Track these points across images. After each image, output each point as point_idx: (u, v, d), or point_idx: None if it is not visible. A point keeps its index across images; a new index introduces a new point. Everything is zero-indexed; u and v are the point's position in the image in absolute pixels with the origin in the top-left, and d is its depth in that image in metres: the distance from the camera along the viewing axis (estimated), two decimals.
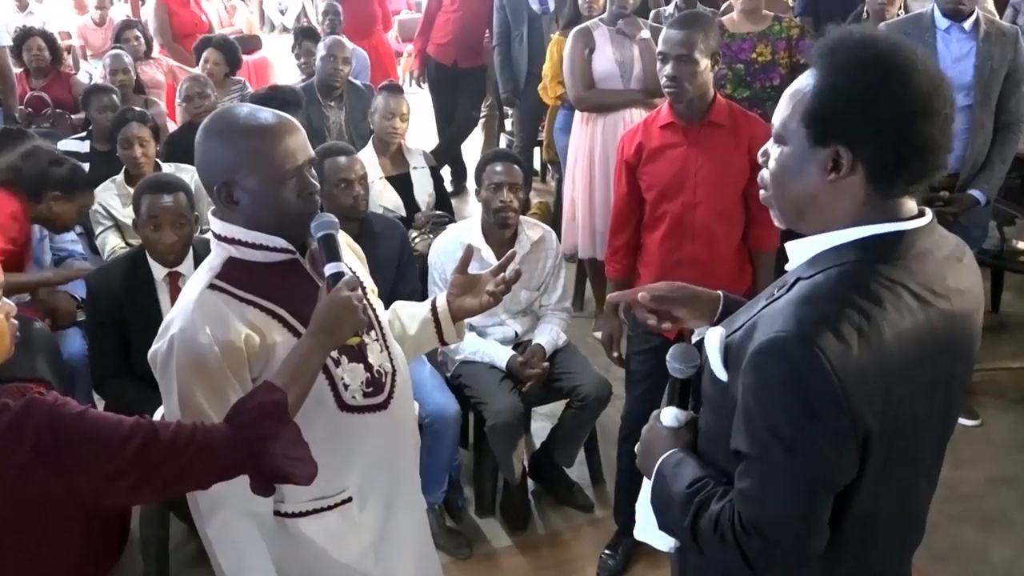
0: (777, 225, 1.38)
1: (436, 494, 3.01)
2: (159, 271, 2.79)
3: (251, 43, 6.91)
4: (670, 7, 4.86)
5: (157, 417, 1.73)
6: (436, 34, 6.01)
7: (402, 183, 3.88)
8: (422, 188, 3.93)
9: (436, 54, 6.03)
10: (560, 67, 4.32)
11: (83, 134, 4.43)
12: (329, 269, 1.61)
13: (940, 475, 1.41)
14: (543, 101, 4.89)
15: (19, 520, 1.34)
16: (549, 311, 3.30)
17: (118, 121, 3.78)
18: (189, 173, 3.44)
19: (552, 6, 5.37)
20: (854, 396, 1.18)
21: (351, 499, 1.77)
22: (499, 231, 3.15)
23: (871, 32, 1.29)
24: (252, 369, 1.63)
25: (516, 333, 3.26)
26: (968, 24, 3.31)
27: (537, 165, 6.42)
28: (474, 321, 2.92)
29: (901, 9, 4.13)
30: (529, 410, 3.40)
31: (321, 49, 4.70)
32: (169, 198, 2.75)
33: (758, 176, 1.39)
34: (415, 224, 3.72)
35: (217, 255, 1.70)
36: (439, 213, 3.83)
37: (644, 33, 4.01)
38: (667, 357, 1.47)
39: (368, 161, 3.62)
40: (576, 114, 4.29)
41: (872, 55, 1.23)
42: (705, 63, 2.53)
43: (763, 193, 1.37)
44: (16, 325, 1.47)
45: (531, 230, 3.24)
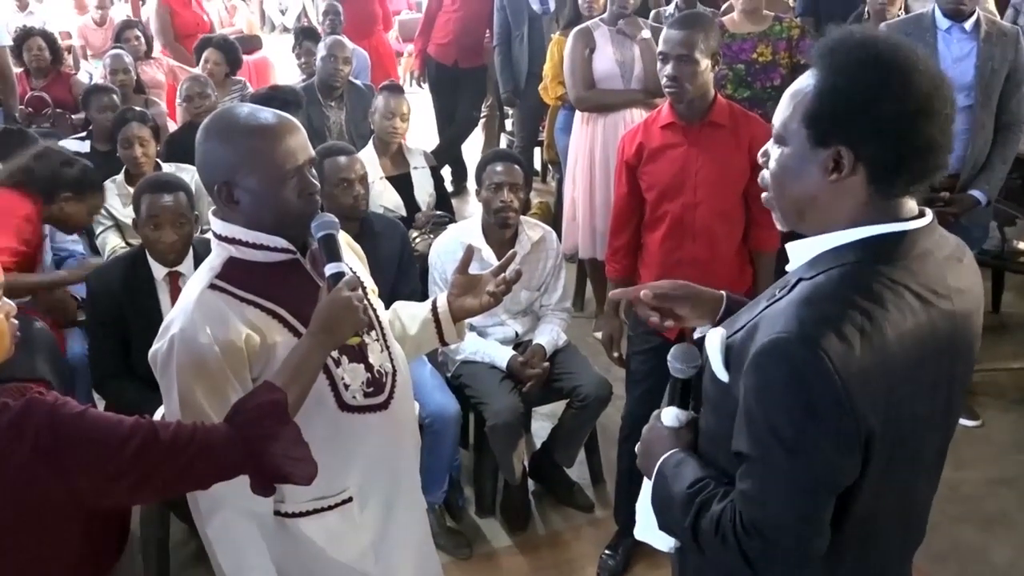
0: (779, 227, 1.38)
1: (436, 494, 3.00)
2: (159, 271, 2.79)
3: (251, 43, 6.91)
4: (670, 7, 4.85)
5: (157, 417, 1.73)
6: (437, 34, 6.01)
7: (402, 183, 3.88)
8: (422, 188, 3.93)
9: (437, 54, 6.03)
10: (561, 67, 4.32)
11: (83, 134, 4.42)
12: (329, 269, 1.61)
13: (941, 475, 1.41)
14: (543, 101, 4.89)
15: (19, 520, 1.34)
16: (549, 311, 3.30)
17: (118, 121, 3.78)
18: (189, 173, 3.44)
19: (552, 6, 5.37)
20: (856, 397, 1.18)
21: (351, 499, 1.77)
22: (499, 231, 3.15)
23: (871, 32, 1.29)
24: (252, 369, 1.63)
25: (516, 333, 3.26)
26: (969, 24, 3.31)
27: (538, 165, 6.42)
28: (474, 321, 2.92)
29: (902, 9, 4.12)
30: (529, 410, 3.40)
31: (321, 49, 4.69)
32: (169, 197, 2.75)
33: (759, 177, 1.39)
34: (415, 224, 3.72)
35: (218, 255, 1.70)
36: (439, 213, 3.83)
37: (645, 33, 4.01)
38: (668, 357, 1.47)
39: (368, 161, 3.62)
40: (577, 114, 4.28)
41: (873, 55, 1.23)
42: (706, 63, 2.53)
43: (765, 195, 1.37)
44: (16, 325, 1.47)
45: (531, 230, 3.24)
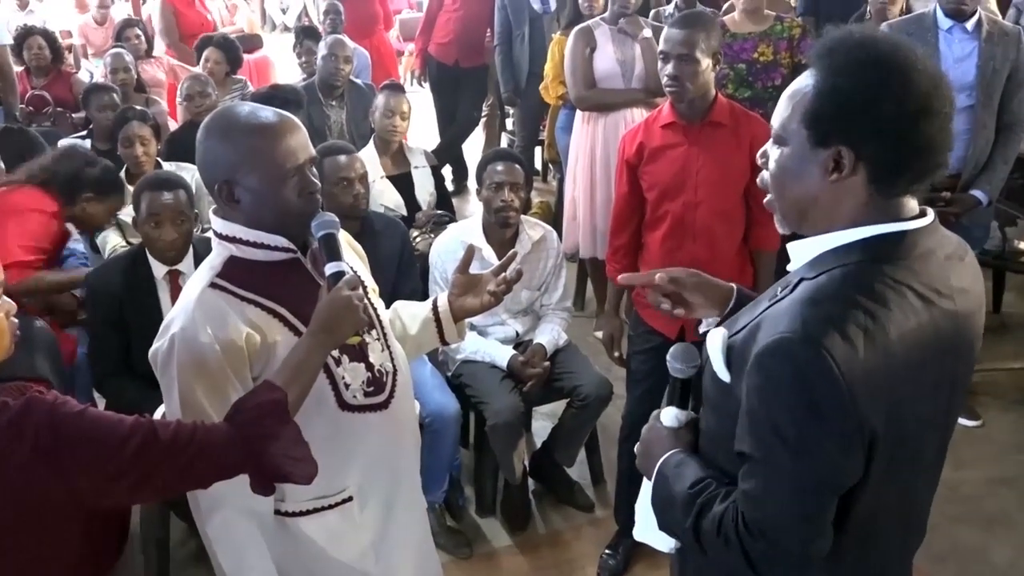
0: (780, 230, 1.38)
1: (436, 493, 3.00)
2: (159, 269, 2.79)
3: (252, 42, 6.89)
4: (670, 6, 4.85)
5: (158, 416, 1.73)
6: (437, 33, 6.01)
7: (403, 182, 3.88)
8: (423, 187, 3.92)
9: (437, 53, 6.03)
10: (561, 67, 4.31)
11: (84, 133, 4.43)
12: (330, 268, 1.61)
13: (941, 476, 1.41)
14: (544, 100, 4.89)
15: (19, 520, 1.34)
16: (550, 311, 3.29)
17: (119, 120, 3.78)
18: (190, 172, 3.44)
19: (553, 5, 5.37)
20: (860, 397, 1.18)
21: (351, 498, 1.76)
22: (500, 231, 3.15)
23: (870, 32, 1.29)
24: (253, 368, 1.63)
25: (517, 333, 3.26)
26: (970, 24, 3.31)
27: (538, 164, 6.42)
28: (475, 321, 2.92)
29: (903, 9, 4.12)
30: (530, 410, 3.40)
31: (322, 48, 4.69)
32: (169, 195, 2.75)
33: (758, 179, 1.38)
34: (416, 223, 3.72)
35: (218, 254, 1.69)
36: (440, 212, 3.83)
37: (646, 32, 4.01)
38: (667, 357, 1.46)
39: (369, 160, 3.62)
40: (577, 113, 4.28)
41: (872, 55, 1.23)
42: (706, 63, 2.52)
43: (768, 197, 1.36)
44: (16, 324, 1.46)
45: (532, 230, 3.23)
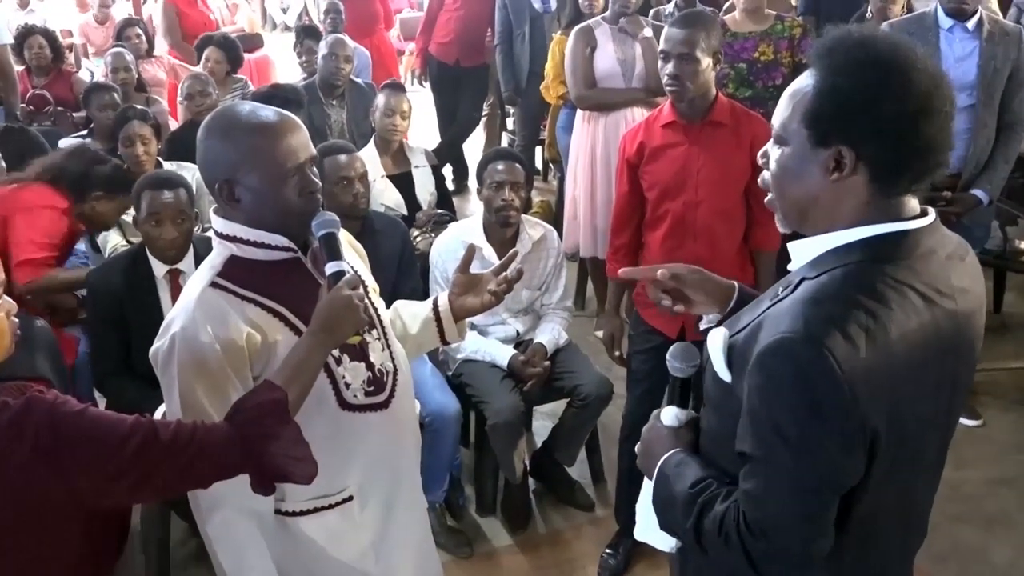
0: (781, 229, 1.38)
1: (437, 493, 3.00)
2: (159, 268, 2.79)
3: (253, 41, 6.89)
4: (670, 6, 4.84)
5: (158, 415, 1.73)
6: (438, 33, 6.01)
7: (404, 182, 3.88)
8: (424, 187, 3.92)
9: (438, 53, 6.03)
10: (562, 66, 4.31)
11: (84, 132, 4.43)
12: (330, 268, 1.61)
13: (941, 475, 1.41)
14: (544, 100, 4.88)
15: (19, 520, 1.34)
16: (550, 310, 3.29)
17: (119, 119, 3.78)
18: (190, 171, 3.44)
19: (554, 5, 5.37)
20: (861, 397, 1.18)
21: (352, 498, 1.76)
22: (501, 230, 3.15)
23: (870, 32, 1.29)
24: (253, 367, 1.63)
25: (517, 332, 3.26)
26: (971, 24, 3.31)
27: (539, 164, 6.42)
28: (475, 320, 2.92)
29: (904, 9, 4.12)
30: (530, 409, 3.40)
31: (323, 47, 4.69)
32: (170, 194, 2.75)
33: (759, 179, 1.38)
34: (417, 223, 3.72)
35: (219, 253, 1.69)
36: (440, 212, 3.83)
37: (646, 32, 4.01)
38: (667, 356, 1.46)
39: (370, 159, 3.62)
40: (578, 113, 4.28)
41: (872, 55, 1.23)
42: (707, 62, 2.52)
43: (769, 197, 1.36)
44: (16, 323, 1.46)
45: (532, 229, 3.23)
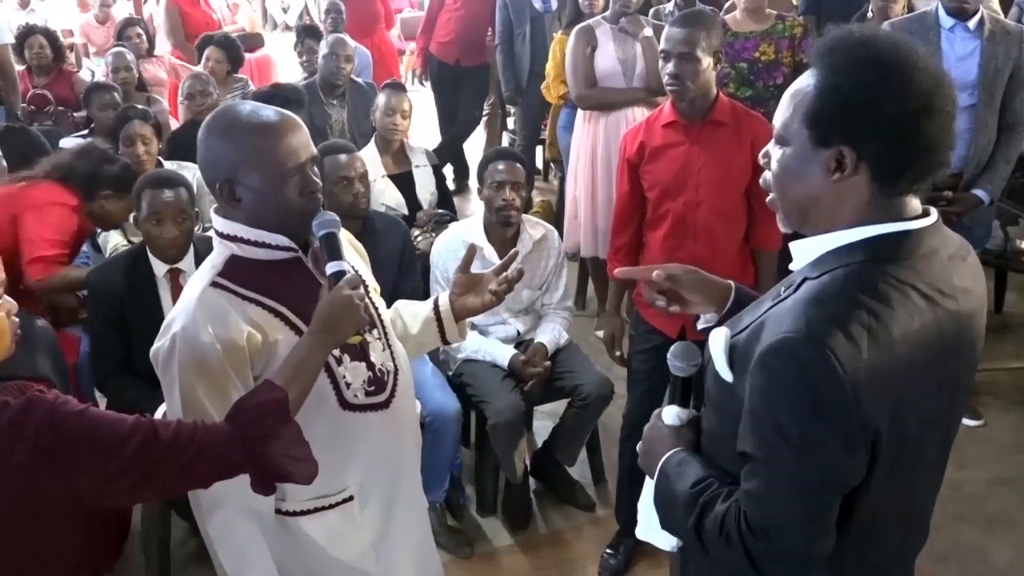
0: (782, 229, 1.37)
1: (437, 493, 3.00)
2: (160, 268, 2.79)
3: (253, 41, 6.89)
4: (670, 5, 4.85)
5: (159, 415, 1.73)
6: (439, 32, 6.01)
7: (404, 181, 3.88)
8: (424, 186, 3.92)
9: (439, 52, 6.03)
10: (563, 66, 4.31)
11: (85, 132, 4.42)
12: (331, 268, 1.61)
13: (943, 476, 1.40)
14: (545, 99, 4.88)
15: (19, 520, 1.34)
16: (551, 310, 3.29)
17: (120, 119, 3.79)
18: (191, 171, 3.44)
19: (554, 4, 5.37)
20: (863, 397, 1.18)
21: (352, 498, 1.76)
22: (501, 230, 3.15)
23: (870, 31, 1.28)
24: (254, 367, 1.63)
25: (518, 332, 3.26)
26: (972, 23, 3.30)
27: (540, 164, 6.41)
28: (476, 320, 2.92)
29: (905, 8, 4.11)
30: (531, 409, 3.40)
31: (323, 47, 4.69)
32: (170, 193, 2.75)
33: (761, 179, 1.38)
34: (417, 223, 3.71)
35: (219, 253, 1.69)
36: (441, 212, 3.83)
37: (647, 31, 4.00)
38: (668, 355, 1.46)
39: (370, 159, 3.62)
40: (579, 112, 4.28)
41: (872, 54, 1.23)
42: (707, 61, 2.52)
43: (771, 197, 1.36)
44: (17, 323, 1.46)
45: (533, 229, 3.23)
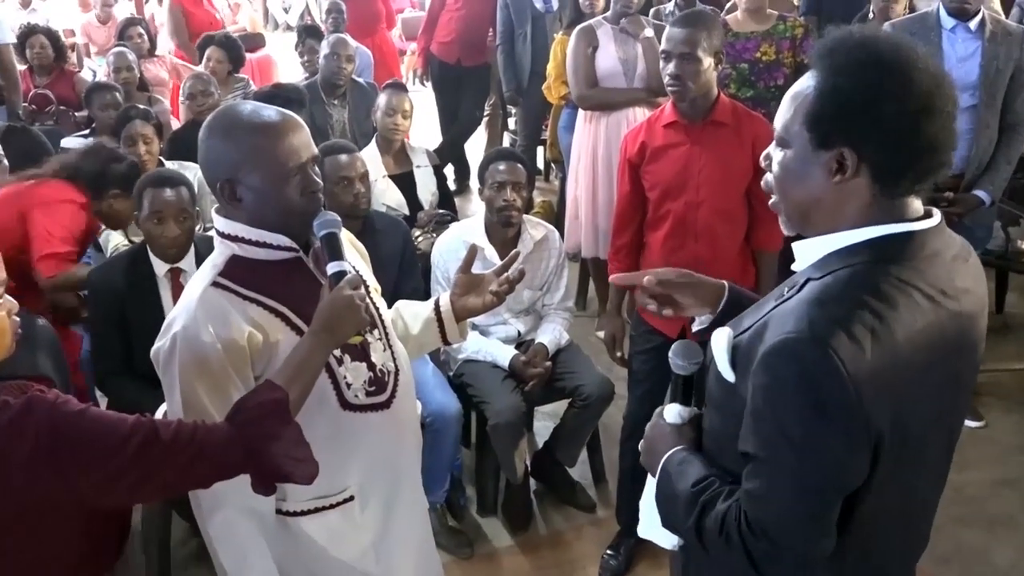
0: (785, 232, 1.37)
1: (438, 493, 3.00)
2: (160, 267, 2.79)
3: (255, 41, 6.90)
4: (670, 5, 4.86)
5: (159, 415, 1.73)
6: (440, 32, 6.01)
7: (405, 181, 3.88)
8: (425, 187, 3.92)
9: (440, 52, 6.03)
10: (564, 67, 4.31)
11: (86, 132, 4.43)
12: (331, 268, 1.61)
13: (947, 478, 1.40)
14: (546, 100, 4.88)
15: (19, 520, 1.34)
16: (552, 310, 3.29)
17: (121, 119, 3.79)
18: (192, 171, 3.44)
19: (555, 5, 5.37)
20: (866, 398, 1.17)
21: (352, 498, 1.76)
22: (502, 230, 3.14)
23: (870, 32, 1.28)
24: (255, 367, 1.63)
25: (519, 332, 3.25)
26: (974, 24, 3.30)
27: (541, 164, 6.41)
28: (477, 320, 2.92)
29: (907, 8, 4.11)
30: (531, 409, 3.40)
31: (325, 47, 4.69)
32: (172, 192, 2.75)
33: (762, 181, 1.38)
34: (418, 223, 3.71)
35: (221, 253, 1.69)
36: (442, 212, 3.82)
37: (647, 32, 4.00)
38: (669, 354, 1.46)
39: (371, 159, 3.62)
40: (580, 113, 4.28)
41: (872, 55, 1.22)
42: (708, 62, 2.52)
43: (772, 199, 1.36)
44: (18, 322, 1.46)
45: (534, 229, 3.23)
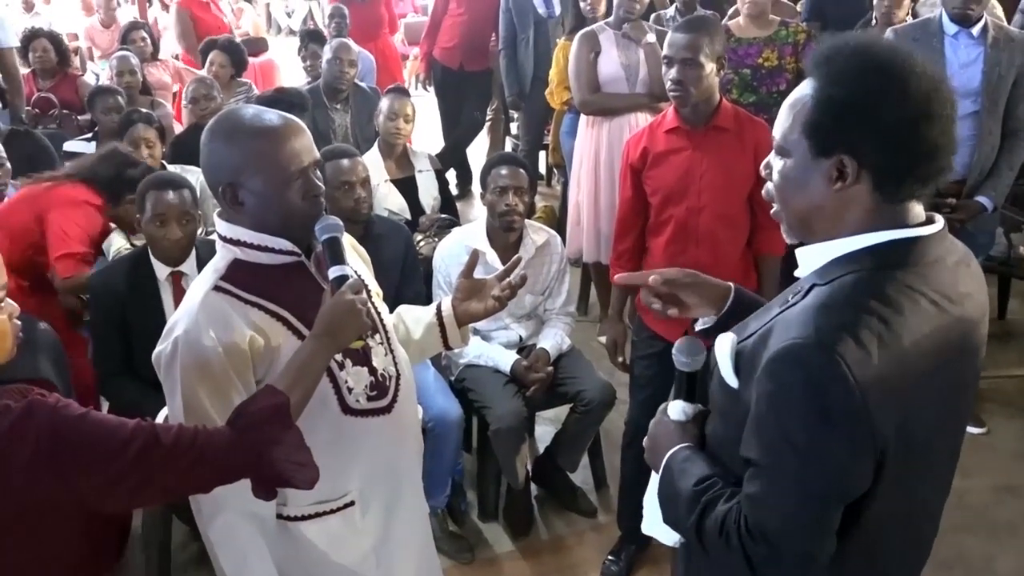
0: (787, 240, 1.37)
1: (439, 498, 3.00)
2: (162, 271, 2.79)
3: (257, 45, 6.92)
4: (670, 10, 4.88)
5: (160, 419, 1.73)
6: (442, 37, 6.02)
7: (407, 186, 3.88)
8: (427, 191, 3.92)
9: (442, 57, 6.04)
10: (566, 72, 4.31)
11: (89, 135, 4.43)
12: (333, 272, 1.61)
13: (951, 485, 1.40)
14: (548, 105, 4.89)
15: (20, 521, 1.34)
16: (553, 315, 3.29)
17: (124, 122, 3.80)
18: (195, 175, 3.43)
19: (558, 10, 5.38)
20: (873, 404, 1.17)
21: (353, 503, 1.76)
22: (504, 235, 3.15)
23: (866, 38, 1.28)
24: (256, 371, 1.63)
25: (520, 337, 3.25)
26: (976, 30, 3.30)
27: (543, 169, 6.42)
28: (478, 325, 2.91)
29: (909, 14, 4.12)
30: (533, 414, 3.39)
31: (327, 52, 4.70)
32: (174, 195, 2.76)
33: (763, 190, 1.38)
34: (420, 227, 3.71)
35: (222, 257, 1.69)
36: (444, 216, 3.82)
37: (650, 37, 4.01)
38: (673, 350, 1.46)
39: (373, 164, 3.62)
40: (582, 118, 4.28)
41: (870, 61, 1.22)
42: (710, 67, 2.52)
43: (773, 208, 1.35)
44: (19, 326, 1.46)
45: (536, 234, 3.23)
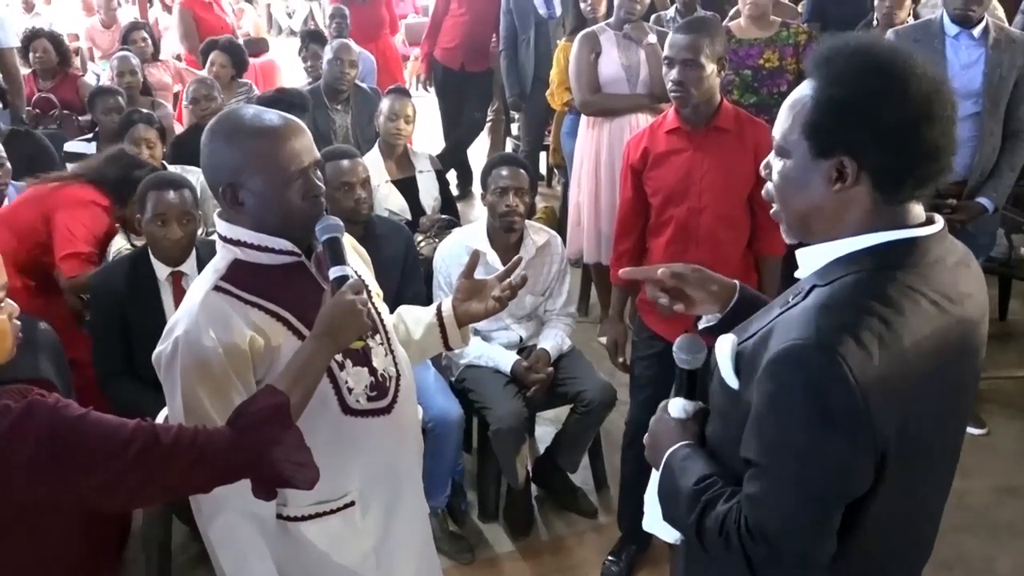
0: (786, 240, 1.37)
1: (439, 498, 3.00)
2: (162, 271, 2.79)
3: (258, 46, 6.92)
4: (671, 11, 4.88)
5: (160, 419, 1.72)
6: (443, 38, 6.02)
7: (408, 187, 3.88)
8: (428, 192, 3.92)
9: (443, 58, 6.04)
10: (567, 73, 4.31)
11: (90, 136, 4.44)
12: (333, 272, 1.61)
13: (951, 485, 1.40)
14: (549, 105, 4.89)
15: (20, 521, 1.34)
16: (554, 316, 3.29)
17: (124, 123, 3.80)
18: (195, 175, 3.43)
19: (559, 11, 5.38)
20: (874, 405, 1.17)
21: (353, 503, 1.76)
22: (504, 235, 3.15)
23: (867, 39, 1.28)
24: (256, 372, 1.63)
25: (521, 338, 3.25)
26: (977, 31, 3.30)
27: (543, 169, 6.42)
28: (479, 325, 2.91)
29: (910, 15, 4.12)
30: (533, 415, 3.39)
31: (328, 52, 4.70)
32: (175, 194, 2.76)
33: (763, 190, 1.38)
34: (420, 228, 3.72)
35: (222, 257, 1.69)
36: (444, 217, 3.83)
37: (651, 38, 4.01)
38: (674, 348, 1.46)
39: (374, 164, 3.62)
40: (582, 118, 4.28)
41: (870, 62, 1.22)
42: (711, 68, 2.52)
43: (773, 208, 1.35)
44: (19, 326, 1.46)
45: (536, 234, 3.23)
